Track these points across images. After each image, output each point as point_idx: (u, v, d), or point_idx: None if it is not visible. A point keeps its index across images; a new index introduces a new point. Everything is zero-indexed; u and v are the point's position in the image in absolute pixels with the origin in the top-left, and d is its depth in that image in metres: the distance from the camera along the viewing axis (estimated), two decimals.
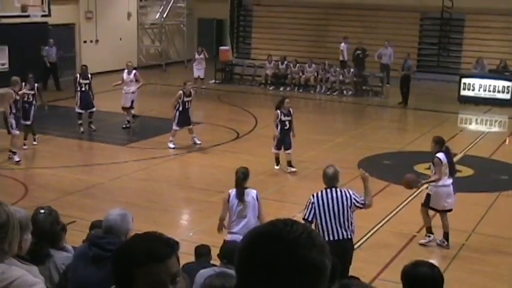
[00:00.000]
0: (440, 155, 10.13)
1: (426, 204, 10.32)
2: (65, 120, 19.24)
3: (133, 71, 18.04)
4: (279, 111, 13.91)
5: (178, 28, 32.97)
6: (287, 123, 13.91)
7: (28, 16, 22.23)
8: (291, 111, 14.04)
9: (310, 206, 7.82)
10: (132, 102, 17.84)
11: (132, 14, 30.42)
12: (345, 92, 24.66)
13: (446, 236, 10.28)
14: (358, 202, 7.92)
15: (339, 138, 17.45)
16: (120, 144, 16.39)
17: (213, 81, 26.76)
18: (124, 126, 17.93)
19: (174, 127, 15.75)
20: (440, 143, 10.27)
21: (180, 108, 15.66)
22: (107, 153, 15.69)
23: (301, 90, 25.05)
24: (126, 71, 17.93)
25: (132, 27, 30.59)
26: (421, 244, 10.37)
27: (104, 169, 14.28)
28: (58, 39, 25.14)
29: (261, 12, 30.50)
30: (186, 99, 15.72)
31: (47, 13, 22.84)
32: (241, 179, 8.45)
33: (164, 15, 31.31)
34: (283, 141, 13.95)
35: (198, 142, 15.96)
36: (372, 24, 27.58)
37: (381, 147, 16.08)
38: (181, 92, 15.69)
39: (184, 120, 15.77)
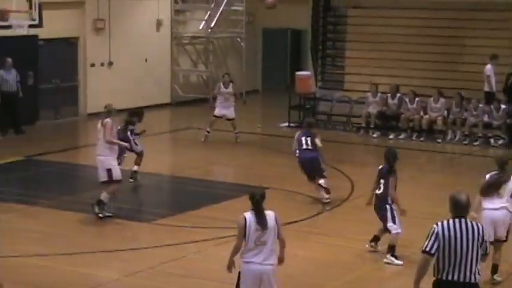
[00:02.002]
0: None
1: None
2: (58, 183, 19.60)
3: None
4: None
5: (233, 43, 33.43)
6: None
7: (9, 27, 22.91)
8: None
9: (434, 236, 9.05)
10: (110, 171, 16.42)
11: (163, 22, 31.10)
12: (492, 140, 24.39)
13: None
14: (486, 243, 9.21)
15: None
16: (143, 220, 16.48)
17: (286, 124, 26.84)
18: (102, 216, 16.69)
19: None
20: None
21: None
22: (123, 233, 15.78)
23: (422, 139, 24.96)
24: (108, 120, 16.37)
25: (163, 42, 31.22)
26: None
27: (117, 258, 14.34)
28: (53, 61, 25.81)
29: (361, 19, 30.57)
30: None
31: (36, 22, 23.49)
32: (259, 201, 10.39)
33: (212, 25, 31.83)
34: None
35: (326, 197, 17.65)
36: None
37: None
38: None
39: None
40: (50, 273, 13.43)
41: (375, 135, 25.62)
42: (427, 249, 9.07)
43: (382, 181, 14.18)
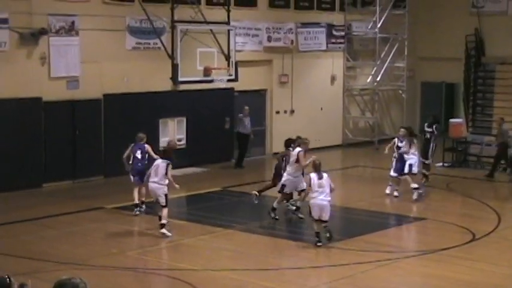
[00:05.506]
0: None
1: None
2: (248, 210, 20.02)
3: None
4: None
5: (395, 94, 33.28)
6: None
7: (211, 81, 23.58)
8: None
9: None
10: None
11: (336, 77, 31.28)
12: None
13: None
14: None
15: None
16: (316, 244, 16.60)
17: (441, 164, 26.43)
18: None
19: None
20: None
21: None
22: (300, 253, 15.92)
23: None
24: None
25: (336, 93, 31.42)
26: None
27: (294, 274, 14.47)
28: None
29: (508, 74, 29.95)
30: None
31: (233, 77, 24.07)
32: (318, 167, 16.10)
33: (378, 79, 31.80)
34: None
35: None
36: None
37: None
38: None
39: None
40: (241, 286, 13.70)
41: None
42: None
43: None
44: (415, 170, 21.04)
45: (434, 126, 22.83)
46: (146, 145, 19.08)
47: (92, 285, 5.36)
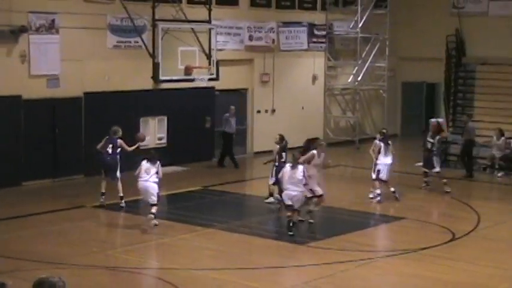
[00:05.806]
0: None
1: None
2: (228, 209, 20.02)
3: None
4: None
5: (376, 94, 33.39)
6: None
7: (192, 80, 23.56)
8: None
9: None
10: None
11: (318, 76, 31.35)
12: None
13: None
14: None
15: None
16: (297, 243, 16.62)
17: (421, 164, 26.50)
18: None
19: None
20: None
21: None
22: (281, 252, 15.95)
23: None
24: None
25: (317, 93, 31.48)
26: None
27: (275, 273, 14.49)
28: (227, 108, 26.36)
29: (488, 74, 30.09)
30: None
31: (214, 76, 24.08)
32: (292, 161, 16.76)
33: (359, 78, 31.91)
34: None
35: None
36: None
37: None
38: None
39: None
40: (222, 285, 13.71)
41: (499, 175, 25.05)
42: None
43: None
44: (382, 176, 20.67)
45: (436, 138, 22.69)
46: (119, 140, 19.32)
47: (72, 284, 5.35)
